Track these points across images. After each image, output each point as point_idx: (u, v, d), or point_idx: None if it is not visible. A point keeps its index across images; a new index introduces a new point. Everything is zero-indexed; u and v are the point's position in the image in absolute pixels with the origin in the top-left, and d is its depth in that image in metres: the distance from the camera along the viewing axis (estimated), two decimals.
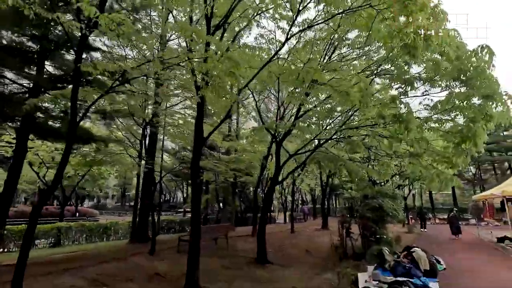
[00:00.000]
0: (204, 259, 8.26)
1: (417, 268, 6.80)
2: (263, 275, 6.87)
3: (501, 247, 11.93)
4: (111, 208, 62.56)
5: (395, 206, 9.08)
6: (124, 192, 60.12)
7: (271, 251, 10.14)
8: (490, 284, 6.29)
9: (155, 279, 6.26)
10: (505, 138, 32.04)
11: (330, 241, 8.86)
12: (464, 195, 41.61)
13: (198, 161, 5.93)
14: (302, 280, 6.48)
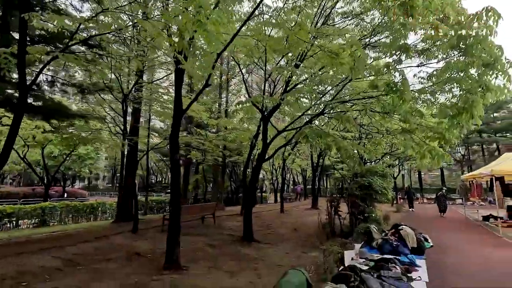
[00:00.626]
0: (188, 238, 8.07)
1: (404, 246, 6.70)
2: (249, 253, 6.69)
3: (486, 225, 12.11)
4: (103, 189, 62.65)
5: (384, 185, 8.92)
6: (115, 173, 59.57)
7: (260, 230, 10.02)
8: (474, 260, 6.25)
9: (134, 258, 6.00)
10: (495, 119, 32.28)
11: (319, 220, 8.72)
12: (452, 175, 42.57)
13: (176, 135, 5.51)
14: (288, 258, 6.32)
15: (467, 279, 4.93)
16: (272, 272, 5.18)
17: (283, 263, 5.87)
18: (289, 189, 39.25)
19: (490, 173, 10.03)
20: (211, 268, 5.45)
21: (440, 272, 5.34)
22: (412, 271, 5.42)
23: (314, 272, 5.15)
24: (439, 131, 6.30)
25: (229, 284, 4.62)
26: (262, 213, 15.61)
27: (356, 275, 4.44)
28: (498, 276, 5.10)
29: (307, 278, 3.77)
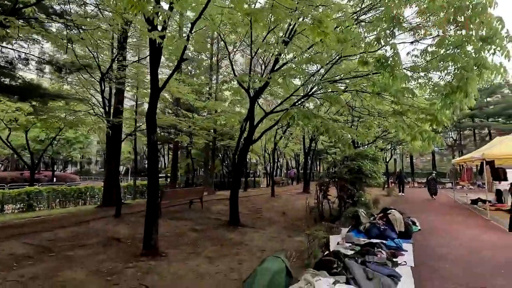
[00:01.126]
0: (173, 223, 7.86)
1: (392, 230, 6.58)
2: (233, 237, 6.51)
3: (475, 208, 12.17)
4: (95, 174, 62.21)
5: (374, 168, 8.74)
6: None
7: (248, 214, 9.87)
8: (461, 243, 6.17)
9: (112, 244, 5.75)
10: (488, 104, 32.28)
11: (306, 204, 8.55)
12: (443, 160, 43.05)
13: (153, 114, 5.13)
14: (273, 242, 6.16)
15: (452, 263, 4.81)
16: (254, 258, 4.99)
17: (267, 248, 5.70)
18: (282, 174, 39.35)
19: (481, 157, 9.91)
20: (191, 254, 5.25)
21: (426, 256, 5.22)
22: (398, 256, 5.30)
23: (298, 258, 4.97)
24: (431, 112, 6.04)
25: (207, 270, 4.41)
26: (253, 197, 15.50)
27: (339, 261, 4.26)
28: (483, 261, 4.99)
29: (287, 265, 3.56)
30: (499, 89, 32.65)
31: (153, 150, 5.21)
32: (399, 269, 4.47)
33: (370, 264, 4.27)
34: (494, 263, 4.82)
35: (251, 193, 18.45)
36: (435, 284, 3.92)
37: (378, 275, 3.74)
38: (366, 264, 4.16)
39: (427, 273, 4.35)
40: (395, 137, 17.49)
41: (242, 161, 7.55)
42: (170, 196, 8.58)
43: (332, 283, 3.21)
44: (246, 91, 7.27)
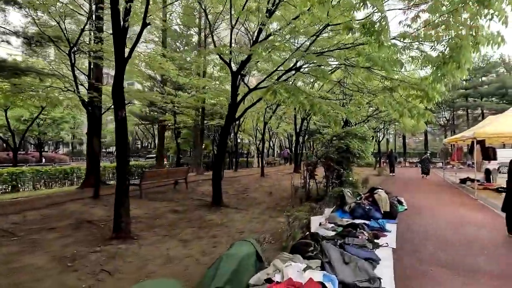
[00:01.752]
0: (153, 204, 7.60)
1: (377, 210, 6.42)
2: (213, 219, 6.28)
3: (463, 187, 12.18)
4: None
5: (363, 147, 8.47)
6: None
7: (234, 195, 9.67)
8: (445, 223, 6.04)
9: (84, 226, 5.47)
10: (482, 83, 31.96)
11: (291, 184, 8.33)
12: (436, 140, 43.29)
13: (120, 87, 4.68)
14: (254, 223, 5.95)
15: (435, 244, 4.65)
16: (231, 240, 4.76)
17: (246, 230, 5.49)
18: (275, 154, 39.28)
19: (473, 135, 9.70)
20: (166, 237, 5.00)
21: (409, 237, 5.06)
22: (381, 237, 5.12)
23: (277, 240, 4.76)
24: (422, 88, 5.67)
25: (178, 254, 4.17)
26: (242, 177, 15.32)
27: (317, 243, 4.04)
28: (467, 241, 4.85)
29: (257, 250, 3.31)
30: (494, 68, 32.26)
31: (121, 128, 4.81)
32: (380, 250, 4.30)
33: (349, 246, 4.06)
34: (478, 243, 4.67)
35: (241, 173, 18.29)
36: (415, 266, 3.74)
37: (355, 259, 3.53)
38: (344, 246, 3.95)
39: (408, 254, 4.18)
40: (388, 116, 17.23)
41: (225, 140, 7.20)
42: (151, 176, 8.26)
43: (303, 268, 2.98)
44: (227, 65, 6.77)
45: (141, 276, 3.44)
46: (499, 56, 32.64)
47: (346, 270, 3.34)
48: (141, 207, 7.12)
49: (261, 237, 3.78)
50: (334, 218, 6.04)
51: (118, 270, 3.58)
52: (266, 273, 2.91)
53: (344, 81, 8.86)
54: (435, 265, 3.77)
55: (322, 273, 2.92)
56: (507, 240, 4.93)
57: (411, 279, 3.35)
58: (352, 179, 8.69)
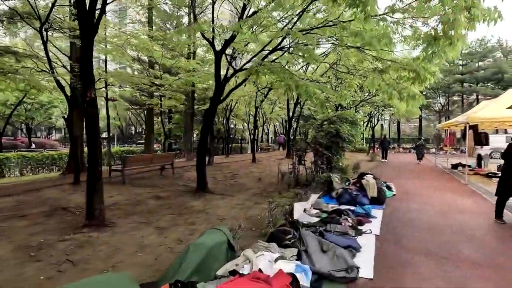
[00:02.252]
0: (135, 190, 7.36)
1: (364, 196, 6.26)
2: (196, 205, 6.08)
3: (454, 173, 12.14)
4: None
5: (353, 132, 8.26)
6: None
7: (222, 181, 9.47)
8: (433, 209, 5.93)
9: (58, 214, 5.24)
10: (478, 68, 31.63)
11: (278, 170, 8.13)
12: (430, 126, 43.33)
13: (88, 63, 4.32)
14: (237, 210, 5.76)
15: (421, 230, 4.52)
16: (210, 227, 4.57)
17: (228, 216, 5.30)
18: (269, 140, 39.07)
19: (466, 120, 9.51)
20: (142, 224, 4.79)
21: (395, 223, 4.92)
22: (365, 223, 4.97)
23: (258, 227, 4.58)
24: (413, 68, 5.38)
25: (152, 242, 3.98)
26: (233, 163, 15.13)
27: (296, 230, 3.87)
28: (453, 227, 4.72)
29: (229, 238, 3.11)
30: (491, 52, 31.86)
31: (90, 110, 4.48)
32: (363, 237, 4.15)
33: (330, 234, 3.90)
34: (464, 230, 4.55)
35: (233, 159, 18.10)
36: (397, 254, 3.59)
37: (334, 247, 3.36)
38: (324, 234, 3.77)
39: (392, 241, 4.03)
40: (382, 101, 16.98)
41: (209, 123, 6.89)
42: (134, 162, 8.00)
43: (276, 258, 2.79)
44: (210, 44, 6.38)
45: (106, 266, 3.24)
46: (496, 40, 32.18)
47: (324, 259, 3.18)
48: (123, 193, 6.89)
49: (237, 225, 3.57)
50: (320, 204, 5.88)
51: (83, 260, 3.38)
52: (235, 263, 2.72)
53: (335, 64, 8.52)
54: (418, 253, 3.63)
55: (295, 264, 2.74)
56: (494, 226, 4.82)
57: (391, 268, 3.20)
58: (342, 165, 8.52)
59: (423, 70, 5.35)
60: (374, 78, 5.40)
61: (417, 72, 5.28)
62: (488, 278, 2.99)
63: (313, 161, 7.93)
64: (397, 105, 15.39)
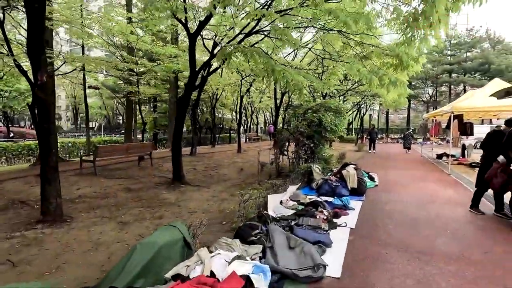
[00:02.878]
0: (107, 182, 6.98)
1: (344, 187, 6.07)
2: (168, 197, 5.78)
3: (439, 163, 12.14)
4: (67, 130, 60.52)
5: (336, 121, 8.01)
6: (77, 113, 55.56)
7: (202, 171, 9.16)
8: (414, 199, 5.80)
9: (13, 208, 4.86)
10: (466, 58, 31.78)
11: (258, 160, 7.86)
12: (418, 116, 43.76)
13: (38, 41, 3.88)
14: (211, 202, 5.49)
15: (398, 223, 4.35)
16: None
17: (200, 209, 5.02)
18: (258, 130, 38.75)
19: (451, 109, 9.39)
20: (105, 218, 4.47)
21: (373, 215, 4.74)
22: (342, 215, 4.77)
23: (228, 222, 4.32)
24: (396, 53, 5.11)
25: (110, 238, 3.67)
26: (218, 153, 14.81)
27: (265, 224, 3.62)
28: (431, 219, 4.58)
29: (184, 236, 2.82)
30: (479, 43, 31.99)
31: (42, 95, 4.06)
32: (337, 231, 3.94)
33: (301, 228, 3.66)
34: (443, 222, 4.40)
35: (219, 149, 17.76)
36: (369, 249, 3.39)
37: (302, 243, 3.12)
38: (295, 229, 3.53)
39: (366, 235, 3.83)
40: (369, 90, 16.79)
41: (183, 111, 6.51)
42: (106, 152, 7.58)
43: (232, 258, 2.52)
44: (183, 25, 5.93)
45: (50, 267, 2.92)
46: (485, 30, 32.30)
47: (289, 256, 2.94)
48: (93, 185, 6.51)
49: (198, 221, 3.29)
50: (298, 196, 5.66)
51: (26, 261, 3.05)
52: (186, 264, 2.44)
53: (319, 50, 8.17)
54: (392, 247, 3.44)
55: (253, 264, 2.48)
56: (474, 217, 4.69)
57: (361, 265, 2.99)
58: (324, 155, 8.30)
59: (406, 56, 5.09)
60: (353, 63, 5.10)
61: (400, 57, 5.01)
62: (462, 274, 2.81)
63: (294, 151, 7.68)
64: (383, 94, 15.24)
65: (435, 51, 32.88)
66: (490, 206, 5.30)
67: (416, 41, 3.91)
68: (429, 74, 31.02)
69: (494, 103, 8.68)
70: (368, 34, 5.35)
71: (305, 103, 18.82)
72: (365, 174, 7.40)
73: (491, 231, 4.04)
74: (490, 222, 4.45)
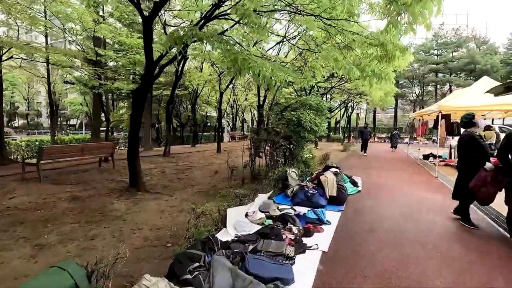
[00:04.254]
0: (52, 188, 6.02)
1: (321, 195, 5.34)
2: (117, 208, 4.92)
3: (425, 164, 11.68)
4: (47, 127, 58.57)
5: (317, 120, 7.30)
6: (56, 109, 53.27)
7: (170, 175, 8.30)
8: (400, 206, 5.17)
9: None
10: (453, 58, 31.84)
11: (227, 164, 7.07)
12: (405, 116, 43.96)
13: None
14: (165, 215, 4.67)
15: (379, 240, 3.66)
16: (113, 243, 3.46)
17: (149, 224, 4.20)
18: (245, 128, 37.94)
19: (438, 108, 8.85)
20: (22, 240, 3.58)
21: (351, 229, 4.04)
22: (315, 232, 4.02)
23: (175, 244, 3.52)
24: (380, 41, 4.41)
25: (11, 270, 2.81)
26: (197, 153, 13.94)
27: (210, 253, 2.84)
28: (420, 234, 3.91)
29: (76, 282, 2.00)
30: (466, 43, 32.11)
31: None
32: (305, 256, 3.20)
33: (258, 257, 2.88)
34: (431, 240, 3.74)
35: (198, 148, 16.89)
36: (343, 280, 2.67)
37: (252, 284, 2.34)
38: (244, 260, 2.74)
39: (341, 261, 3.11)
40: (355, 88, 16.25)
41: (140, 106, 5.64)
42: (52, 153, 6.61)
43: None
44: (136, 7, 5.06)
45: None
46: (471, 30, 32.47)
47: None
48: (32, 194, 5.57)
49: (116, 252, 2.48)
50: (268, 206, 4.90)
51: None
52: None
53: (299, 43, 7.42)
54: (373, 279, 2.72)
55: None
56: (466, 233, 4.05)
57: None
58: (303, 157, 7.59)
59: (391, 45, 4.39)
60: (330, 52, 4.35)
61: (385, 46, 4.30)
62: None
63: (268, 153, 6.91)
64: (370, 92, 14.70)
65: (422, 50, 32.85)
66: (481, 216, 4.69)
67: (401, 27, 3.21)
68: (416, 73, 30.93)
69: (483, 102, 8.18)
70: (349, 20, 4.62)
71: (291, 101, 18.14)
72: (346, 180, 6.72)
73: (487, 252, 3.40)
74: (484, 238, 3.82)
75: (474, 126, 4.54)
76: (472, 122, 4.56)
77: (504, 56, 30.04)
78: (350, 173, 8.30)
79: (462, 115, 4.70)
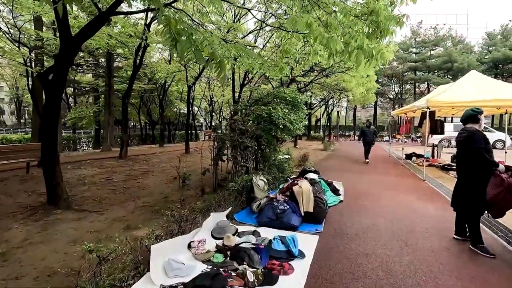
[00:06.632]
0: None
1: (294, 211, 4.20)
2: (14, 236, 3.52)
3: (409, 164, 10.94)
4: (11, 125, 54.70)
5: (292, 116, 6.14)
6: (20, 106, 49.16)
7: (115, 182, 6.86)
8: (388, 222, 4.15)
9: None
10: (430, 56, 32.04)
11: (177, 170, 5.77)
12: (384, 114, 44.26)
13: None
14: (78, 245, 3.31)
15: (361, 284, 2.55)
16: None
17: (43, 265, 2.85)
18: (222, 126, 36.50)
19: (426, 104, 7.99)
20: None
21: (328, 267, 2.90)
22: (281, 274, 2.88)
23: None
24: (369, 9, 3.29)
25: None
26: (161, 154, 12.49)
27: None
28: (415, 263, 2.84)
29: None
30: (443, 41, 32.41)
31: None
32: None
33: None
34: (430, 276, 2.67)
35: (166, 149, 15.36)
36: None
37: None
38: None
39: None
40: (337, 84, 15.39)
41: (55, 97, 4.20)
42: None
43: None
44: None
45: None
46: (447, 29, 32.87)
47: None
48: None
49: None
50: (223, 230, 3.66)
51: None
52: None
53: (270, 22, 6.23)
54: None
55: None
56: (478, 267, 3.02)
57: None
58: (276, 159, 6.44)
59: (384, 15, 3.28)
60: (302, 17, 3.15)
61: (376, 13, 3.18)
62: None
63: (230, 157, 5.66)
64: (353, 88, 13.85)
65: (401, 49, 32.85)
66: (489, 234, 3.69)
67: None
68: (395, 71, 30.84)
69: (474, 98, 7.41)
70: None
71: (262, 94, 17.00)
72: (326, 188, 5.61)
73: None
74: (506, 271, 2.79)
75: (477, 123, 3.65)
76: (477, 118, 3.65)
77: (479, 56, 30.57)
78: (330, 176, 7.26)
79: (466, 110, 3.76)
